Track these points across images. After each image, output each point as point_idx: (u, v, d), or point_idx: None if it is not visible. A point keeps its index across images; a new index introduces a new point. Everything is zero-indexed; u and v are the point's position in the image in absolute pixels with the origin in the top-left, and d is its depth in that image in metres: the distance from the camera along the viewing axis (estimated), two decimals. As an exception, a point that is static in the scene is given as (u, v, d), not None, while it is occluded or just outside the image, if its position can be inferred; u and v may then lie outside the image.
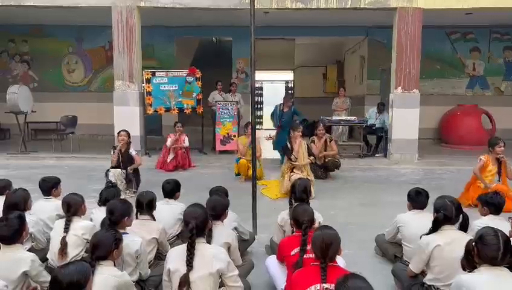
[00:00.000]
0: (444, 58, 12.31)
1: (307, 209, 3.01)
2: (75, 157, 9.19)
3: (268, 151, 8.93)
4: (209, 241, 2.74)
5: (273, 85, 20.22)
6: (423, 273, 2.97)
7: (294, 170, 6.17)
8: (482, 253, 2.26)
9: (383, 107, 10.05)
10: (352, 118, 9.64)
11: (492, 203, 3.47)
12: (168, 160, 8.14)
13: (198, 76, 9.36)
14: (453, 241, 2.79)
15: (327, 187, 6.80)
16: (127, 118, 8.85)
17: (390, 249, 3.70)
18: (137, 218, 3.36)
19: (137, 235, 3.01)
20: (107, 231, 2.51)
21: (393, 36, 8.99)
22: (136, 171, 6.32)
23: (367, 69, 12.59)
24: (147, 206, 3.35)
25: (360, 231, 4.69)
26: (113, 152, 6.17)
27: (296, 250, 2.81)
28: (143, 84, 9.22)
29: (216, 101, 9.90)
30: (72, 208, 3.29)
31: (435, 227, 2.90)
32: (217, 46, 15.59)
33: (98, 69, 12.95)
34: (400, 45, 8.76)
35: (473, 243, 2.34)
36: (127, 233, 2.92)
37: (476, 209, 5.02)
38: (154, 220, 3.41)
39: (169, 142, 8.23)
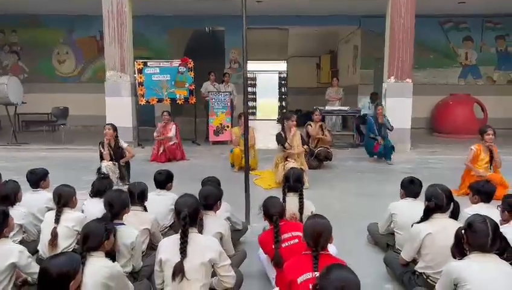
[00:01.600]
0: (436, 48, 12.31)
1: (276, 202, 3.09)
2: (67, 148, 9.12)
3: (261, 141, 8.93)
4: (200, 231, 2.73)
5: (267, 75, 20.16)
6: (414, 261, 2.99)
7: (288, 159, 6.16)
8: (471, 240, 2.28)
9: (376, 96, 10.06)
10: (346, 108, 9.65)
11: (483, 192, 3.49)
12: (160, 152, 8.08)
13: (190, 66, 9.29)
14: (444, 229, 2.81)
15: (321, 177, 6.81)
16: (119, 108, 8.80)
17: (383, 238, 3.72)
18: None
19: (133, 227, 2.99)
20: (97, 221, 2.48)
21: (386, 25, 8.96)
22: (127, 164, 6.27)
23: (360, 58, 12.57)
24: (138, 197, 3.33)
25: (354, 220, 4.70)
26: (103, 148, 6.08)
27: None
28: (135, 75, 9.14)
29: (209, 92, 9.85)
30: (63, 199, 3.26)
31: (426, 215, 2.91)
32: (210, 36, 15.46)
33: (89, 60, 12.81)
34: (392, 34, 8.73)
35: (463, 231, 2.35)
36: (124, 224, 2.90)
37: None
38: (146, 211, 3.40)
39: (155, 133, 8.16)
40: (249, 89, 17.97)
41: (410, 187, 3.62)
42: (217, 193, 3.15)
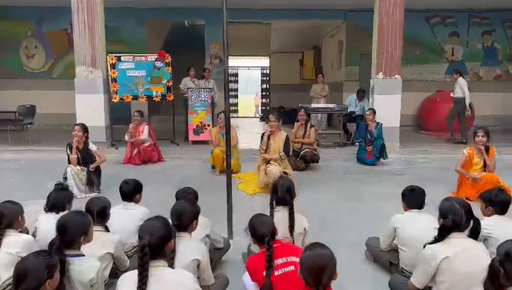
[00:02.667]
0: (423, 43, 12.02)
1: (266, 220, 2.62)
2: (33, 150, 8.43)
3: (244, 140, 8.44)
4: (171, 264, 2.21)
5: (249, 72, 19.64)
6: (427, 288, 2.54)
7: (271, 162, 5.67)
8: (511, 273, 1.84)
9: (362, 93, 9.67)
10: (332, 105, 9.22)
11: (497, 202, 3.06)
12: (133, 154, 7.49)
13: (168, 61, 8.70)
14: (463, 252, 2.38)
15: (308, 179, 6.35)
16: (90, 107, 8.16)
17: (385, 255, 3.26)
18: (88, 229, 2.80)
19: (94, 258, 2.43)
20: (36, 255, 1.94)
21: (374, 19, 8.54)
22: (97, 170, 5.67)
23: (345, 54, 12.17)
24: (97, 215, 2.78)
25: (348, 230, 4.26)
26: (70, 151, 5.47)
27: None
28: (108, 71, 8.50)
29: (188, 88, 9.27)
30: (6, 219, 2.69)
31: (442, 235, 2.46)
32: (190, 30, 14.85)
33: (60, 54, 12.03)
34: (381, 28, 8.32)
35: (499, 262, 1.90)
36: (83, 255, 2.35)
37: (472, 202, 4.76)
38: (108, 231, 2.86)
39: (126, 135, 7.52)
40: (231, 86, 17.48)
41: (413, 198, 3.19)
42: (193, 210, 2.63)
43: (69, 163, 5.53)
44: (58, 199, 3.26)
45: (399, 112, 8.40)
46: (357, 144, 7.58)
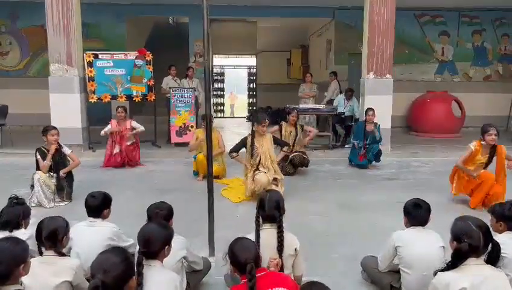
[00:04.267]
0: (412, 42, 11.77)
1: (248, 245, 2.22)
2: (4, 153, 7.90)
3: (230, 142, 8.01)
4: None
5: (235, 71, 19.23)
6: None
7: (259, 168, 5.28)
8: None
9: (351, 92, 9.35)
10: (321, 106, 8.88)
11: (510, 217, 2.73)
12: (114, 152, 7.03)
13: (149, 59, 8.24)
14: (483, 282, 2.03)
15: (297, 185, 5.98)
16: (65, 107, 7.69)
17: (385, 278, 2.90)
18: (41, 254, 2.38)
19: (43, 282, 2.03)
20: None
21: (364, 17, 8.22)
22: (69, 175, 5.22)
23: (334, 53, 11.85)
24: (46, 239, 2.36)
25: (341, 244, 3.90)
26: (41, 157, 5.01)
27: None
28: (85, 69, 8.01)
29: (170, 88, 8.83)
30: None
31: (456, 261, 2.11)
32: (173, 28, 14.39)
33: (36, 52, 11.43)
34: (372, 27, 8.00)
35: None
36: (21, 289, 1.94)
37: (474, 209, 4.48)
38: (63, 255, 2.44)
39: (108, 128, 7.04)
40: (217, 85, 17.06)
41: (416, 213, 2.83)
42: (165, 234, 2.20)
43: (37, 169, 5.06)
44: (13, 216, 2.84)
45: (390, 113, 8.11)
46: (354, 142, 7.19)
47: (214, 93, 16.60)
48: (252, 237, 2.63)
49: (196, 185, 6.04)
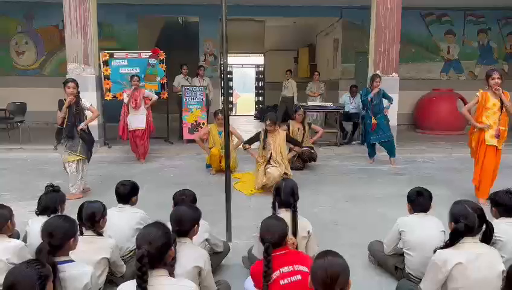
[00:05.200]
0: (418, 41, 11.95)
1: (276, 225, 2.39)
2: (23, 149, 8.22)
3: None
4: (171, 273, 2.08)
5: (243, 70, 19.48)
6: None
7: (270, 162, 5.55)
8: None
9: (355, 89, 9.55)
10: (329, 103, 9.10)
11: (501, 204, 2.97)
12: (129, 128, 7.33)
13: (162, 58, 8.53)
14: (477, 258, 2.28)
15: (306, 180, 6.24)
16: (82, 104, 7.96)
17: (390, 259, 3.16)
18: (81, 234, 2.67)
19: (86, 264, 2.31)
20: (27, 265, 1.80)
21: (371, 16, 8.44)
22: (89, 141, 5.42)
23: (341, 52, 12.06)
24: (86, 220, 2.65)
25: (349, 232, 4.17)
26: (60, 110, 5.20)
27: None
28: (101, 68, 8.32)
29: (182, 86, 9.12)
30: (-6, 223, 2.55)
31: (454, 240, 2.36)
32: (183, 27, 14.67)
33: (51, 51, 11.77)
34: (378, 26, 8.22)
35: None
36: (73, 261, 2.21)
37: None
38: (102, 235, 2.73)
39: (125, 97, 7.29)
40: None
41: (418, 200, 3.08)
42: (194, 214, 2.49)
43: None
44: (50, 202, 3.12)
45: (396, 110, 8.30)
46: (366, 98, 7.31)
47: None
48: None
49: (209, 178, 6.33)
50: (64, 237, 2.19)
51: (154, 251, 1.89)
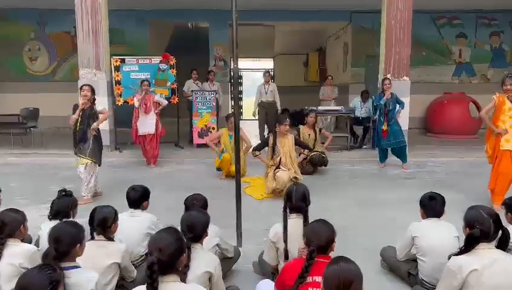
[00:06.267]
0: (430, 45, 11.87)
1: (323, 231, 2.34)
2: (36, 153, 8.31)
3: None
4: (184, 278, 2.07)
5: (253, 74, 19.49)
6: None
7: (280, 167, 5.52)
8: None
9: (367, 94, 9.50)
10: (340, 107, 9.06)
11: (513, 209, 2.92)
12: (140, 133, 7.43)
13: (172, 63, 8.58)
14: (493, 264, 2.23)
15: (316, 184, 6.20)
16: (94, 109, 8.04)
17: (403, 265, 3.11)
18: (92, 238, 2.68)
19: (92, 270, 2.30)
20: (39, 270, 1.81)
21: (381, 19, 8.40)
22: (99, 144, 5.51)
23: (351, 56, 12.03)
24: (97, 225, 2.65)
25: (361, 237, 4.12)
26: (74, 113, 5.32)
27: None
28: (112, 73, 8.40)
29: (192, 91, 9.16)
30: (7, 227, 2.55)
31: (469, 246, 2.31)
32: (193, 33, 14.74)
33: (63, 57, 11.95)
34: (389, 29, 8.18)
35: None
36: (79, 267, 2.21)
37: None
38: (113, 240, 2.73)
39: (136, 102, 7.35)
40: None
41: (431, 205, 3.04)
42: (204, 219, 2.49)
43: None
44: (62, 206, 3.14)
45: (407, 114, 8.23)
46: (375, 105, 7.32)
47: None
48: (279, 226, 2.88)
49: (219, 183, 6.32)
50: (70, 243, 2.18)
51: (165, 258, 1.88)
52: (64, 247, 2.17)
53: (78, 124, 5.32)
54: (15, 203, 5.09)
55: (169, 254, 1.90)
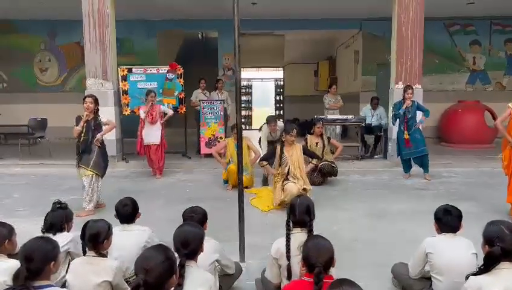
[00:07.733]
0: (442, 52, 11.63)
1: (322, 246, 2.15)
2: (43, 164, 8.26)
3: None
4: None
5: (263, 84, 19.42)
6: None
7: (289, 177, 5.34)
8: None
9: (377, 101, 9.27)
10: (350, 116, 8.85)
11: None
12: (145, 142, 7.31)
13: (180, 72, 8.50)
14: (516, 286, 2.02)
15: (326, 195, 6.00)
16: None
17: (416, 285, 2.89)
18: (84, 254, 2.52)
19: (87, 280, 2.16)
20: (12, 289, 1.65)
21: (392, 27, 8.23)
22: (104, 155, 5.41)
23: (362, 64, 11.84)
24: (89, 241, 2.50)
25: (371, 250, 3.91)
26: (77, 124, 5.25)
27: None
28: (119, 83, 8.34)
29: (200, 100, 9.06)
30: (-7, 243, 2.43)
31: (489, 265, 2.11)
32: (203, 42, 14.76)
33: (73, 67, 11.99)
34: (400, 37, 8.00)
35: None
36: (53, 285, 2.06)
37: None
38: (105, 256, 2.58)
39: (142, 113, 7.25)
40: (244, 98, 17.27)
41: (447, 219, 2.81)
42: (199, 233, 2.31)
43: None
44: (56, 219, 3.01)
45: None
46: (399, 112, 7.06)
47: (242, 106, 16.83)
48: (282, 241, 2.70)
49: (226, 194, 6.16)
50: (43, 260, 2.02)
51: (152, 280, 1.72)
52: (36, 265, 2.01)
53: (83, 136, 5.24)
54: (17, 214, 5.03)
55: (157, 275, 1.74)
